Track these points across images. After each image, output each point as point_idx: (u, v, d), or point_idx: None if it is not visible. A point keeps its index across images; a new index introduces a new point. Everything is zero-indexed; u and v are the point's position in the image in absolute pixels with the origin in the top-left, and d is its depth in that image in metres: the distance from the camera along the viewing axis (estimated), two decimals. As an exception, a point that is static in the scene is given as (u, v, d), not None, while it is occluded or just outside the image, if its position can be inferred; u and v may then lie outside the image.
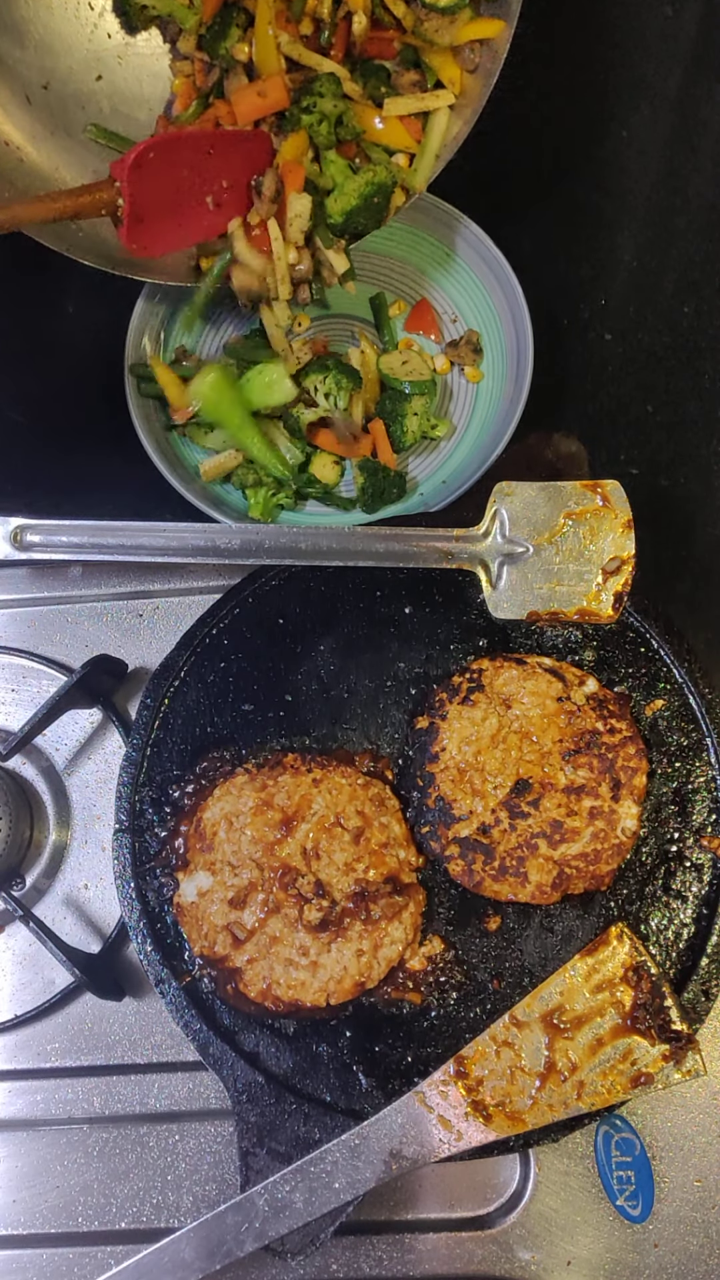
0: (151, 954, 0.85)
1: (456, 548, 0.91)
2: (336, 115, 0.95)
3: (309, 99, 0.94)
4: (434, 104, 0.98)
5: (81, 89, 1.02)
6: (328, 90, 0.94)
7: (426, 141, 0.98)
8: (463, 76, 0.98)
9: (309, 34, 0.97)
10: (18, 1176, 0.94)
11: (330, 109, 0.94)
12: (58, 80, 1.00)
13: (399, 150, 0.99)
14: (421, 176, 0.99)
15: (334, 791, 0.86)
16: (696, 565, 1.10)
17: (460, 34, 0.96)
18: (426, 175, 0.99)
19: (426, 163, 0.99)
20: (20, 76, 0.98)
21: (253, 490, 1.05)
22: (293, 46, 0.96)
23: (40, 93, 1.00)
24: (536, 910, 0.86)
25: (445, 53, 0.97)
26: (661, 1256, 0.88)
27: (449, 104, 0.98)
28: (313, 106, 0.94)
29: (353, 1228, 0.89)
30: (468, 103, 0.98)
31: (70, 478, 1.12)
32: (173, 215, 0.96)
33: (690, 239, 1.18)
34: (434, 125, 0.98)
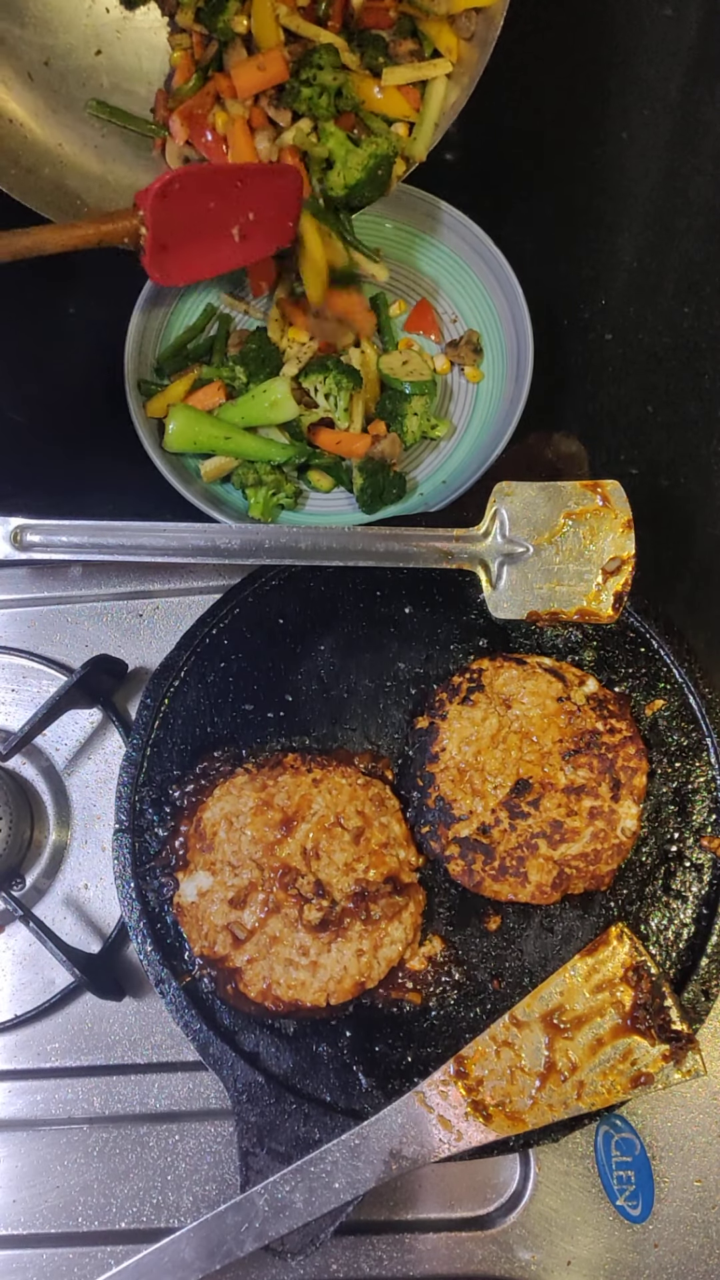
0: (151, 954, 0.85)
1: (456, 548, 0.91)
2: (336, 87, 0.96)
3: (308, 71, 0.95)
4: (432, 72, 0.98)
5: (82, 65, 1.03)
6: (327, 62, 0.95)
7: (425, 110, 0.99)
8: (459, 44, 0.98)
9: (306, 5, 0.98)
10: (18, 1176, 0.94)
11: (330, 81, 0.95)
12: (58, 57, 1.01)
13: (398, 119, 1.00)
14: (421, 144, 1.00)
15: (334, 791, 0.86)
16: (696, 565, 1.10)
17: (456, 3, 0.96)
18: (426, 143, 1.00)
19: (426, 131, 0.99)
20: (21, 54, 0.99)
21: (253, 490, 1.05)
22: (291, 18, 0.96)
23: (41, 70, 1.00)
24: (536, 910, 0.86)
25: (442, 21, 0.98)
26: (661, 1256, 0.88)
27: (446, 72, 0.99)
28: (312, 79, 0.95)
29: (353, 1228, 0.89)
30: (465, 70, 0.98)
31: (70, 478, 1.13)
32: (197, 245, 0.96)
33: (691, 240, 1.18)
34: (432, 94, 0.99)
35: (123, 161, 1.04)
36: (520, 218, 1.16)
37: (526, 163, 1.22)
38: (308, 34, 0.97)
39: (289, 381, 1.04)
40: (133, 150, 1.05)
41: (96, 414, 1.13)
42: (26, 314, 1.19)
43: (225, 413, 1.06)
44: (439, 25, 0.98)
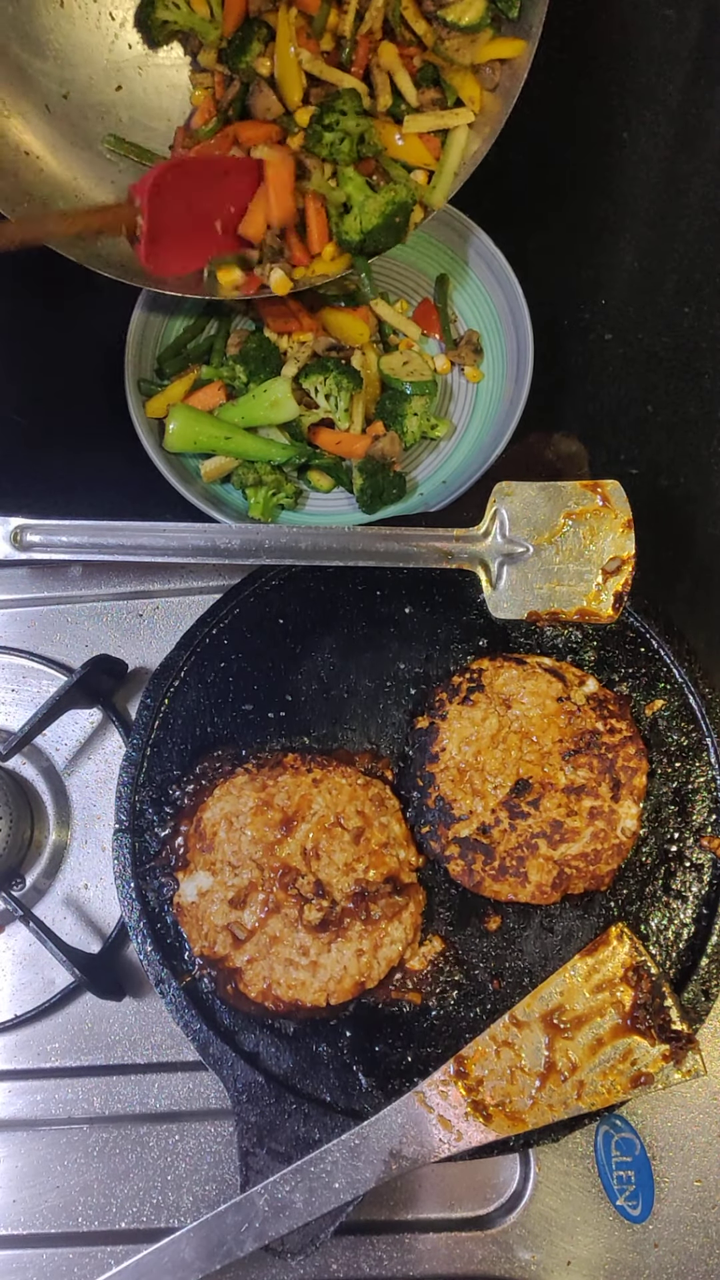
0: (151, 954, 0.85)
1: (456, 548, 0.91)
2: (359, 134, 0.95)
3: (331, 116, 0.94)
4: (453, 122, 0.98)
5: (101, 99, 1.02)
6: (350, 108, 0.94)
7: (445, 159, 0.98)
8: (482, 95, 0.98)
9: (330, 50, 0.97)
10: (18, 1176, 0.94)
11: (352, 128, 0.95)
12: (77, 90, 1.01)
13: (417, 167, 0.99)
14: (440, 193, 0.99)
15: (334, 791, 0.86)
16: (696, 565, 1.10)
17: (481, 53, 0.96)
18: (445, 192, 0.99)
19: (445, 180, 0.99)
20: (41, 87, 0.99)
21: (253, 490, 1.05)
22: (314, 63, 0.96)
23: (60, 102, 1.00)
24: (536, 910, 0.86)
25: (465, 71, 0.97)
26: (661, 1256, 0.88)
27: (468, 122, 0.98)
28: (335, 124, 0.94)
29: (353, 1228, 0.89)
30: (487, 121, 0.98)
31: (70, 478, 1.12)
32: (186, 236, 0.98)
33: (691, 241, 1.18)
34: (453, 143, 0.98)
35: None
36: (520, 218, 1.16)
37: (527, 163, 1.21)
38: (331, 79, 0.97)
39: (289, 382, 1.04)
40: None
41: (96, 414, 1.13)
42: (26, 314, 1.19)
43: (225, 413, 1.06)
44: (463, 75, 0.97)
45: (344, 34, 0.96)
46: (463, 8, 0.94)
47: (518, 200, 1.20)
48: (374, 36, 0.97)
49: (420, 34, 0.97)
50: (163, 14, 1.00)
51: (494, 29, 0.97)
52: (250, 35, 0.97)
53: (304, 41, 0.96)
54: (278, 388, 1.04)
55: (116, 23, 1.01)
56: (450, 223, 1.09)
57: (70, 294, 1.19)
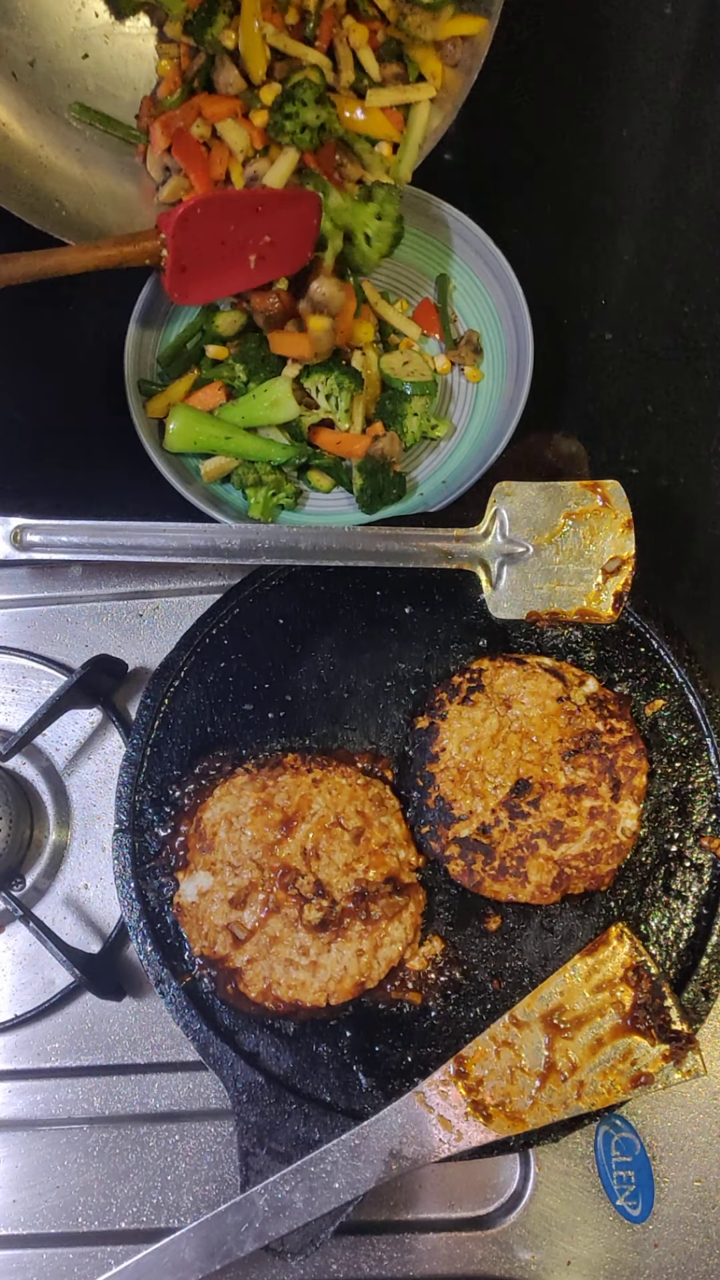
0: (151, 954, 0.85)
1: (456, 548, 0.91)
2: (319, 124, 0.96)
3: (292, 106, 0.95)
4: (416, 96, 1.00)
5: (68, 67, 1.02)
6: (309, 97, 0.95)
7: (409, 133, 1.01)
8: (444, 71, 1.00)
9: (295, 24, 0.98)
10: (18, 1176, 0.94)
11: (312, 119, 0.96)
12: (44, 58, 1.01)
13: (381, 140, 1.01)
14: (406, 166, 1.02)
15: (334, 791, 0.86)
16: (696, 565, 1.10)
17: (443, 29, 0.98)
18: (410, 164, 1.02)
19: (410, 153, 1.01)
20: (7, 53, 0.99)
21: (253, 490, 1.05)
22: (278, 37, 0.97)
23: (26, 70, 1.00)
24: (536, 910, 0.86)
25: (428, 47, 0.99)
26: (661, 1256, 0.88)
27: (430, 97, 1.00)
28: (295, 115, 0.95)
29: (353, 1228, 0.89)
30: (448, 96, 1.00)
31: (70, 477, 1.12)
32: (215, 267, 0.98)
33: (690, 239, 1.18)
34: (416, 117, 1.01)
35: (103, 166, 1.04)
36: (520, 217, 1.16)
37: (526, 162, 1.21)
38: (295, 53, 0.98)
39: (289, 382, 1.04)
40: (114, 156, 1.05)
41: (97, 414, 1.13)
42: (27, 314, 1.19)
43: (225, 413, 1.06)
44: (425, 51, 0.99)
45: (308, 8, 0.97)
46: None
47: (517, 200, 1.20)
48: (338, 11, 0.99)
49: (384, 9, 0.99)
50: None
51: (455, 6, 0.98)
52: (215, 8, 0.97)
53: (269, 15, 0.97)
54: (278, 388, 1.04)
55: None
56: (450, 223, 1.09)
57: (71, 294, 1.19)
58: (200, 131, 1.01)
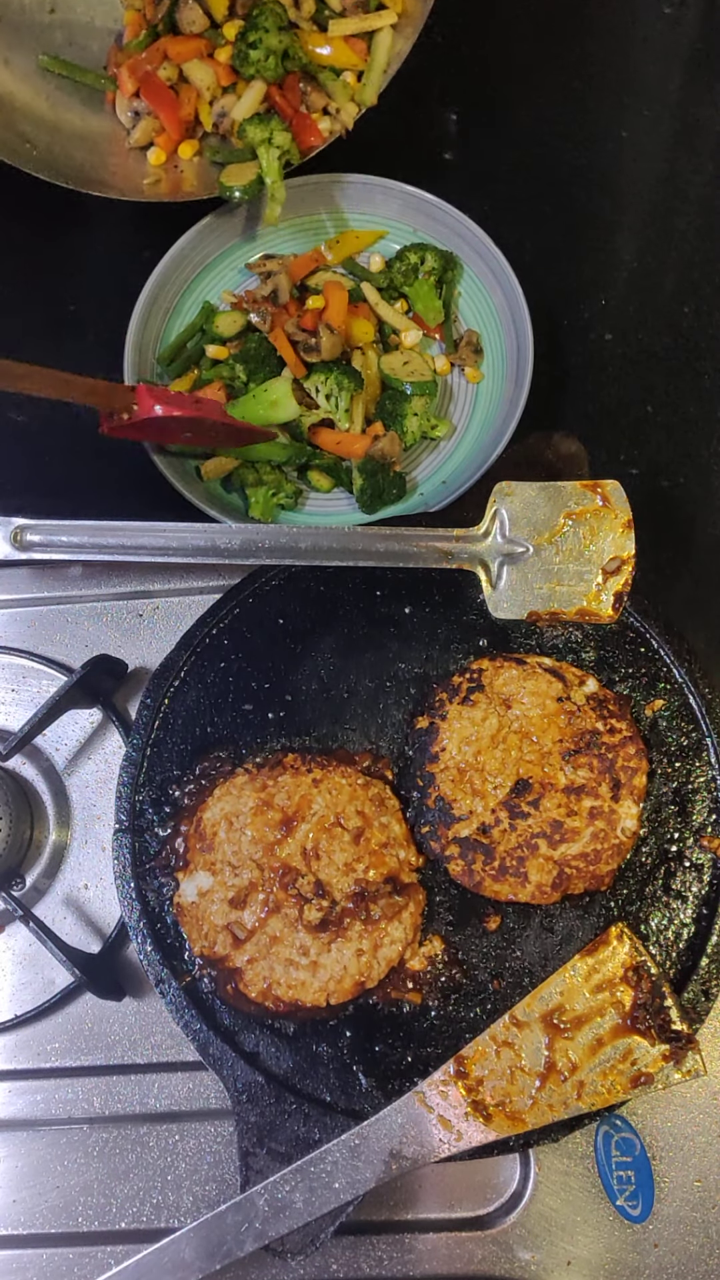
0: (151, 954, 0.85)
1: (456, 548, 0.91)
2: (282, 49, 0.99)
3: (254, 34, 0.97)
4: (378, 23, 1.03)
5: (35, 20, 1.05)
6: (271, 25, 0.98)
7: (374, 58, 1.04)
8: None
9: None
10: (18, 1176, 0.94)
11: (276, 44, 0.98)
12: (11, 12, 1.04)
13: (346, 69, 1.04)
14: (371, 90, 1.04)
15: (334, 791, 0.86)
16: (696, 565, 1.10)
17: None
18: (375, 89, 1.04)
19: (375, 77, 1.04)
20: None
21: (253, 490, 1.05)
22: None
23: None
24: (536, 910, 0.86)
25: None
26: (661, 1256, 0.88)
27: (392, 23, 1.03)
28: (259, 42, 0.97)
29: (353, 1228, 0.89)
30: (409, 21, 1.03)
31: (70, 478, 1.12)
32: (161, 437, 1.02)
33: (690, 239, 1.18)
34: (379, 43, 1.03)
35: (74, 111, 1.08)
36: (520, 218, 1.16)
37: (526, 162, 1.22)
38: None
39: (289, 381, 1.04)
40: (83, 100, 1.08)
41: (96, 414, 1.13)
42: (26, 314, 1.19)
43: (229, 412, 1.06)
44: None
45: None
46: None
47: (517, 200, 1.20)
48: None
49: None
50: None
51: None
52: None
53: None
54: (278, 388, 1.04)
55: None
56: (450, 223, 1.09)
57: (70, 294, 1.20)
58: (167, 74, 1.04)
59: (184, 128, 1.07)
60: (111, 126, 1.09)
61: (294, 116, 1.02)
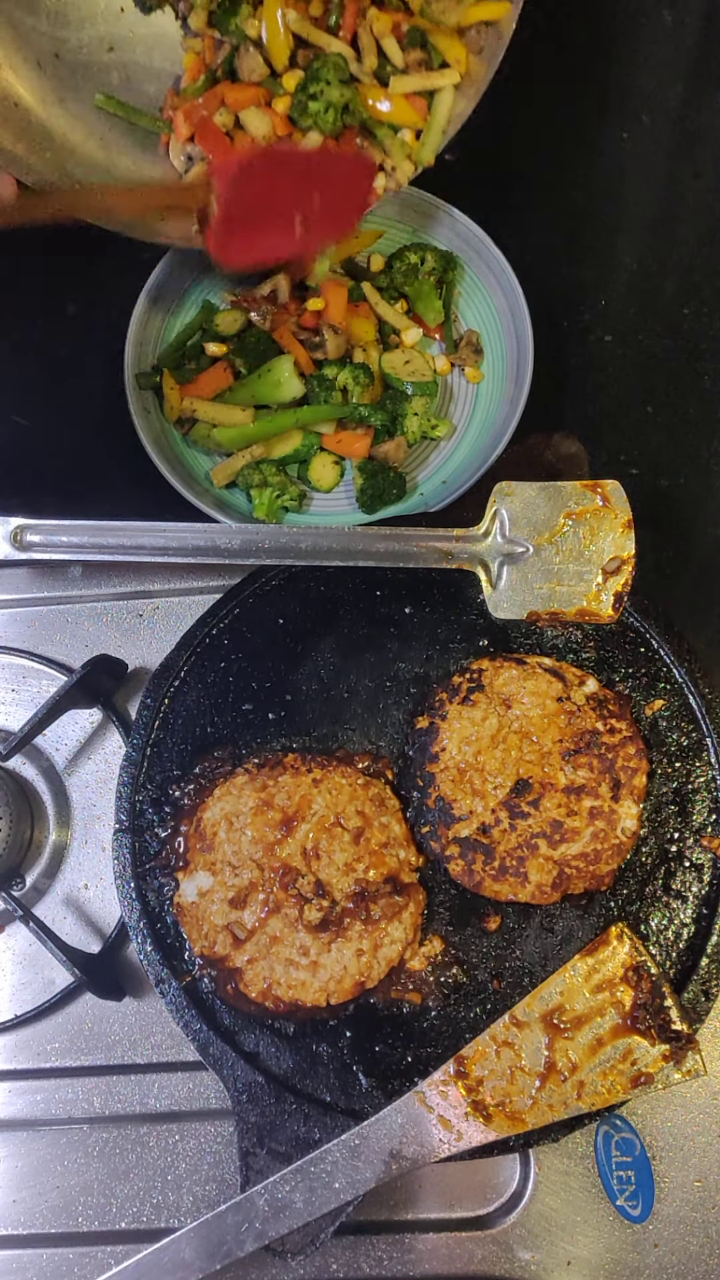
0: (151, 954, 0.85)
1: (456, 548, 0.91)
2: (343, 103, 0.97)
3: (316, 85, 0.95)
4: (440, 82, 0.99)
5: (93, 60, 1.03)
6: (333, 78, 0.95)
7: (433, 117, 1.00)
8: (468, 57, 1.00)
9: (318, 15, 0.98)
10: (18, 1176, 0.94)
11: (336, 98, 0.96)
12: (69, 50, 1.01)
13: (405, 126, 1.01)
14: (429, 150, 1.01)
15: (334, 791, 0.86)
16: (696, 565, 1.10)
17: (467, 16, 0.98)
18: (434, 149, 1.01)
19: (434, 138, 1.01)
20: (33, 44, 0.99)
21: (258, 491, 1.05)
22: (301, 24, 0.97)
23: (52, 61, 1.00)
24: (536, 910, 0.86)
25: (451, 34, 0.99)
26: (661, 1256, 0.88)
27: (454, 83, 1.00)
28: (320, 94, 0.95)
29: (353, 1228, 0.89)
30: (472, 82, 1.00)
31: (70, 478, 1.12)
32: (261, 227, 0.97)
33: (690, 242, 1.18)
34: (440, 102, 1.00)
35: (127, 154, 1.05)
36: (520, 219, 1.16)
37: (527, 164, 1.22)
38: (318, 42, 0.97)
39: (291, 360, 1.04)
40: (138, 144, 1.05)
41: (97, 414, 1.13)
42: (27, 315, 1.19)
43: (235, 394, 1.06)
44: (449, 37, 0.99)
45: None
46: None
47: (518, 202, 1.20)
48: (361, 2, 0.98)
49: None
50: None
51: None
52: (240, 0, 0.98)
53: (292, 3, 0.97)
54: (282, 367, 1.04)
55: None
56: (451, 223, 1.09)
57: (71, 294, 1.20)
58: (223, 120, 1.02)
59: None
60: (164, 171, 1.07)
61: None
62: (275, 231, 0.97)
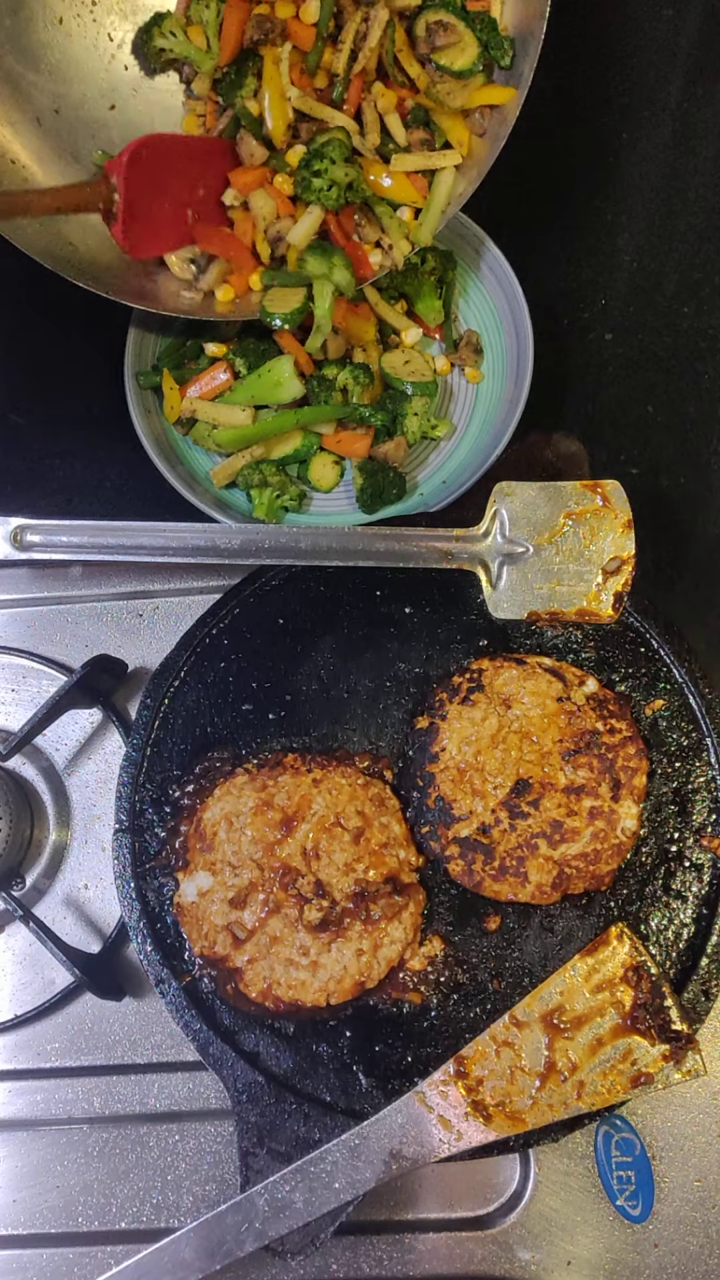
0: (151, 954, 0.85)
1: (456, 548, 0.91)
2: (347, 182, 0.96)
3: (320, 164, 0.95)
4: (442, 163, 0.99)
5: (94, 117, 1.02)
6: (338, 156, 0.95)
7: (433, 198, 1.00)
8: (471, 139, 0.99)
9: (323, 87, 0.98)
10: (18, 1176, 0.94)
11: (341, 177, 0.95)
12: (70, 106, 1.01)
13: (404, 204, 1.00)
14: (427, 230, 1.00)
15: (334, 791, 0.86)
16: (696, 565, 1.10)
17: (472, 98, 0.97)
18: (432, 229, 1.00)
19: (432, 218, 1.00)
20: (33, 99, 0.99)
21: (258, 491, 1.05)
22: (303, 100, 0.97)
23: (51, 116, 1.00)
24: (536, 910, 0.86)
25: (455, 115, 0.99)
26: (661, 1256, 0.88)
27: (456, 164, 0.99)
28: (323, 172, 0.95)
29: (353, 1228, 0.89)
30: (474, 164, 0.99)
31: (70, 478, 1.12)
32: (161, 217, 0.99)
33: (690, 240, 1.18)
34: (440, 182, 0.99)
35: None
36: (520, 218, 1.16)
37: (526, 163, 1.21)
38: (322, 116, 0.97)
39: (291, 360, 1.04)
40: None
41: (96, 414, 1.13)
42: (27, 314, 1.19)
43: (235, 395, 1.06)
44: (452, 118, 0.98)
45: (337, 72, 0.97)
46: (456, 53, 0.96)
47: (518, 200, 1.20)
48: (367, 77, 0.98)
49: (413, 77, 0.98)
50: (160, 42, 1.01)
51: (485, 75, 0.98)
52: (245, 69, 0.98)
53: (298, 77, 0.97)
54: (283, 368, 1.04)
55: (114, 44, 1.01)
56: (450, 223, 1.09)
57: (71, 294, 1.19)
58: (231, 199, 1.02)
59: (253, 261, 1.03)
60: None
61: (346, 246, 0.99)
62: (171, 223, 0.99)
